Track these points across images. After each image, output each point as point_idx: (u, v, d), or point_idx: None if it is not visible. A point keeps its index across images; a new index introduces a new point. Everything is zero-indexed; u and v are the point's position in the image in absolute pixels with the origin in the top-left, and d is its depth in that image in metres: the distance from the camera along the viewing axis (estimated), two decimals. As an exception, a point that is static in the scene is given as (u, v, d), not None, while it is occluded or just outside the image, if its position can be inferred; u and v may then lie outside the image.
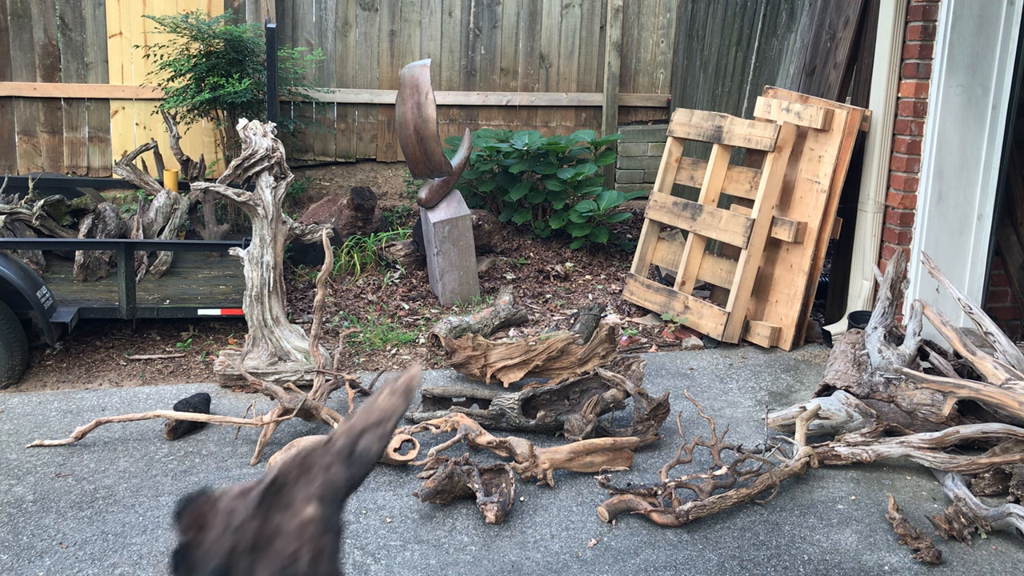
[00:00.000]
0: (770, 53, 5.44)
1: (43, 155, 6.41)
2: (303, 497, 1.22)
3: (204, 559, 1.23)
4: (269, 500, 1.20)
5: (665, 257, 5.34)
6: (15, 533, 2.84)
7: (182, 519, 1.24)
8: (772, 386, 4.24)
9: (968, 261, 4.46)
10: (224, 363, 4.06)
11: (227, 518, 1.22)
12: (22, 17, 6.23)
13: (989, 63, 4.26)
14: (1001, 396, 3.15)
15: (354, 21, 6.74)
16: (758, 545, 2.88)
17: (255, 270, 4.06)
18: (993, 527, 2.95)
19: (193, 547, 1.23)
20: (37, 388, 4.11)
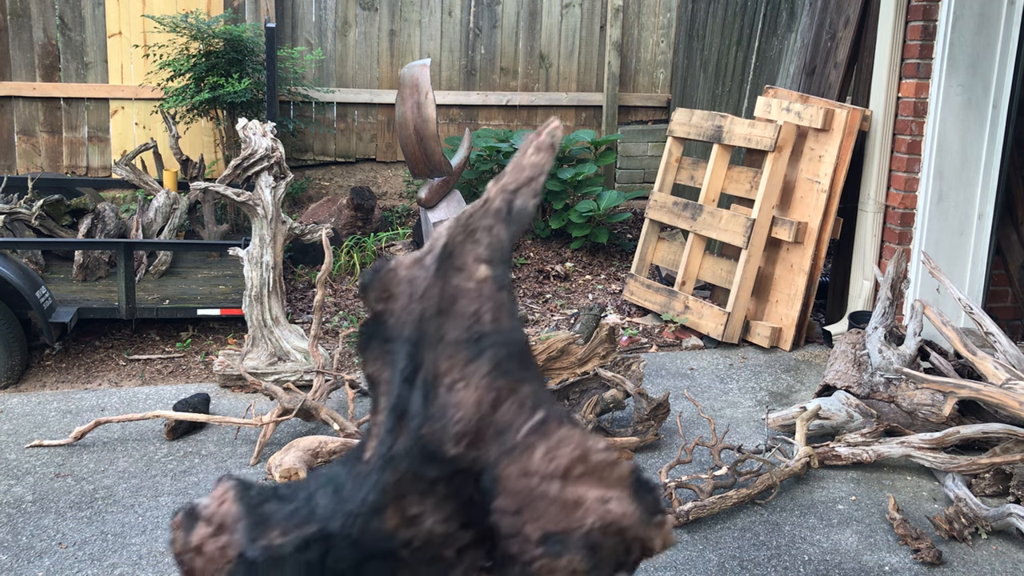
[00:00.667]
0: (770, 53, 5.44)
1: (42, 155, 6.41)
2: (473, 259, 1.24)
3: (397, 327, 1.25)
4: (444, 265, 1.22)
5: (665, 257, 5.33)
6: (14, 533, 2.83)
7: (371, 291, 1.26)
8: (772, 386, 4.24)
9: (968, 261, 4.45)
10: (223, 363, 4.05)
11: (410, 286, 1.24)
12: (21, 17, 6.22)
13: (989, 63, 4.26)
14: (1002, 396, 3.14)
15: (354, 21, 6.74)
16: (758, 545, 2.88)
17: (255, 270, 4.06)
18: (994, 527, 2.94)
19: (386, 316, 1.24)
20: (36, 388, 4.10)
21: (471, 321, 1.19)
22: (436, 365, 1.17)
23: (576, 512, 1.09)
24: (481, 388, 1.12)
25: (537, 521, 1.07)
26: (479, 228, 1.26)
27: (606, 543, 1.08)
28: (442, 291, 1.22)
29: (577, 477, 1.08)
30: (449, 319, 1.19)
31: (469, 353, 1.16)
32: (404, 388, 1.18)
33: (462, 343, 1.17)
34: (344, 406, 3.81)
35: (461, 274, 1.22)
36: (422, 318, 1.21)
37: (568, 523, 1.08)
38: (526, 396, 1.14)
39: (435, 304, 1.21)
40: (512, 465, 1.11)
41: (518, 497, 1.09)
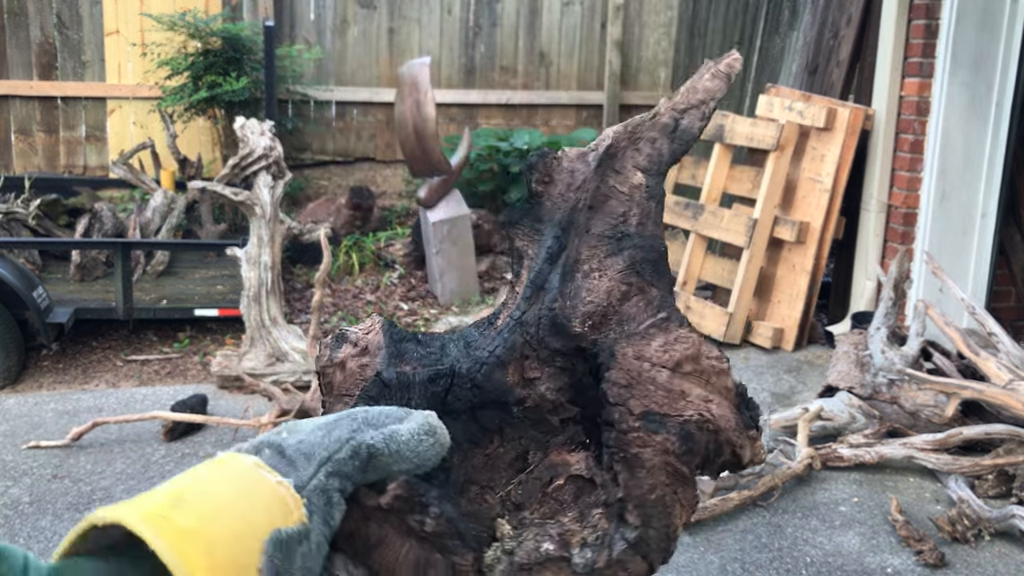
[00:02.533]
0: (772, 51, 5.41)
1: (39, 154, 6.38)
2: (632, 165, 1.37)
3: (551, 210, 1.40)
4: (605, 164, 1.35)
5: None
6: (11, 535, 2.81)
7: (534, 172, 1.40)
8: (774, 387, 4.21)
9: (972, 261, 4.43)
10: (221, 364, 4.03)
11: (570, 176, 1.38)
12: (19, 15, 6.19)
13: (993, 61, 4.23)
14: (1005, 397, 3.12)
15: (353, 19, 6.71)
16: (760, 547, 2.86)
17: (253, 270, 4.03)
18: (997, 529, 2.92)
19: (544, 198, 1.38)
20: (33, 389, 4.08)
21: (618, 221, 1.32)
22: (578, 251, 1.31)
23: (679, 402, 1.22)
24: (615, 280, 1.25)
25: (642, 399, 1.19)
26: (643, 138, 1.39)
27: (700, 437, 1.20)
28: (598, 188, 1.36)
29: (686, 373, 1.21)
30: (598, 214, 1.32)
31: (610, 248, 1.29)
32: (546, 265, 1.32)
33: (605, 238, 1.30)
34: (343, 407, 3.78)
35: (618, 176, 1.35)
36: (575, 208, 1.35)
37: (669, 408, 1.21)
38: (653, 297, 1.26)
39: (589, 197, 1.35)
40: (630, 347, 1.25)
41: (630, 374, 1.23)
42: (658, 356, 1.27)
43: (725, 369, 1.24)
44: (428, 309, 5.19)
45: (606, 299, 1.29)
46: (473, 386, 1.29)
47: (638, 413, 1.21)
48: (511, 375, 1.29)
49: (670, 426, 1.20)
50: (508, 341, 1.30)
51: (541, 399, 1.27)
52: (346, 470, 0.78)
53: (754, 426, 1.24)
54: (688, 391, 1.22)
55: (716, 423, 1.19)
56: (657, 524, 1.16)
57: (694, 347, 1.24)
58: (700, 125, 1.47)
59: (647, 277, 1.33)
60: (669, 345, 1.26)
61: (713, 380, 1.23)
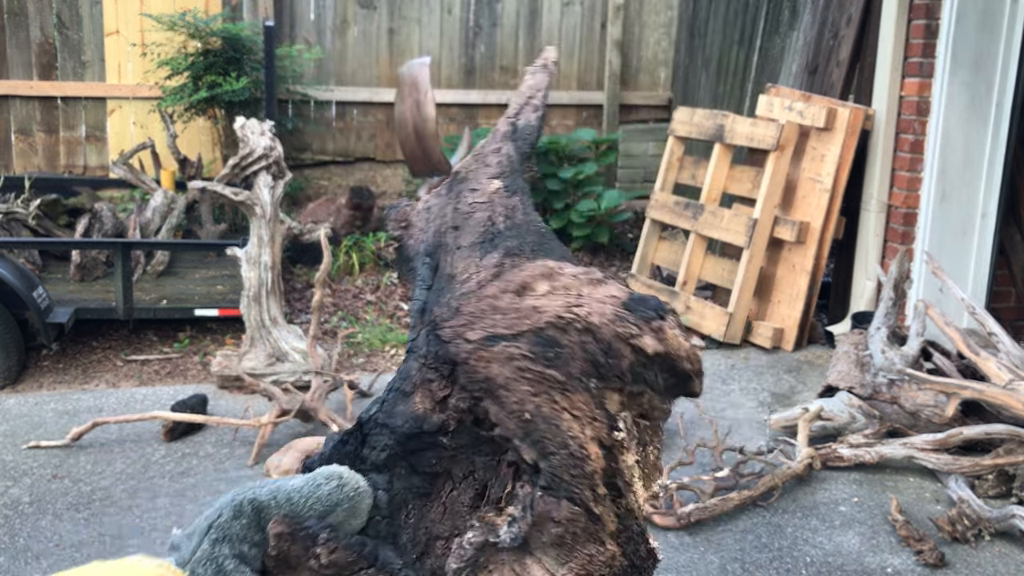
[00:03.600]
0: (772, 51, 5.42)
1: (39, 154, 6.38)
2: (486, 178, 1.34)
3: (416, 246, 1.39)
4: (457, 188, 1.33)
5: (667, 257, 5.31)
6: (11, 535, 2.81)
7: (390, 220, 1.43)
8: (774, 387, 4.21)
9: (972, 261, 4.43)
10: (222, 364, 4.03)
11: (427, 212, 1.36)
12: (19, 15, 6.20)
13: (993, 61, 4.23)
14: (1005, 397, 3.12)
15: (353, 19, 6.71)
16: (760, 547, 2.86)
17: (253, 270, 4.03)
18: (997, 529, 2.92)
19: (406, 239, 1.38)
20: (34, 389, 4.08)
21: (486, 226, 1.26)
22: (453, 267, 1.24)
23: (531, 316, 1.08)
24: (486, 270, 1.17)
25: (482, 328, 1.09)
26: (488, 153, 1.39)
27: (567, 339, 1.05)
28: (456, 209, 1.32)
29: (540, 294, 1.09)
30: (465, 230, 1.27)
31: (484, 250, 1.23)
32: (423, 292, 1.27)
33: (477, 245, 1.25)
34: (343, 407, 3.78)
35: (475, 192, 1.33)
36: (438, 232, 1.31)
37: (519, 327, 1.08)
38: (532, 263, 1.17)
39: (451, 220, 1.30)
40: (473, 295, 1.15)
41: (469, 315, 1.12)
42: (500, 288, 1.17)
43: (599, 279, 1.12)
44: (428, 309, 5.19)
45: (476, 287, 1.20)
46: (381, 427, 1.18)
47: (477, 339, 1.10)
48: (419, 403, 1.17)
49: (519, 338, 1.07)
50: (403, 371, 1.20)
51: (460, 413, 1.15)
52: (235, 532, 0.76)
53: (656, 316, 1.07)
54: (543, 306, 1.08)
55: (585, 320, 1.04)
56: (553, 446, 1.03)
57: (544, 268, 1.14)
58: (536, 116, 1.48)
59: (526, 254, 1.24)
60: (512, 276, 1.16)
61: (586, 292, 1.10)
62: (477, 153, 1.41)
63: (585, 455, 1.01)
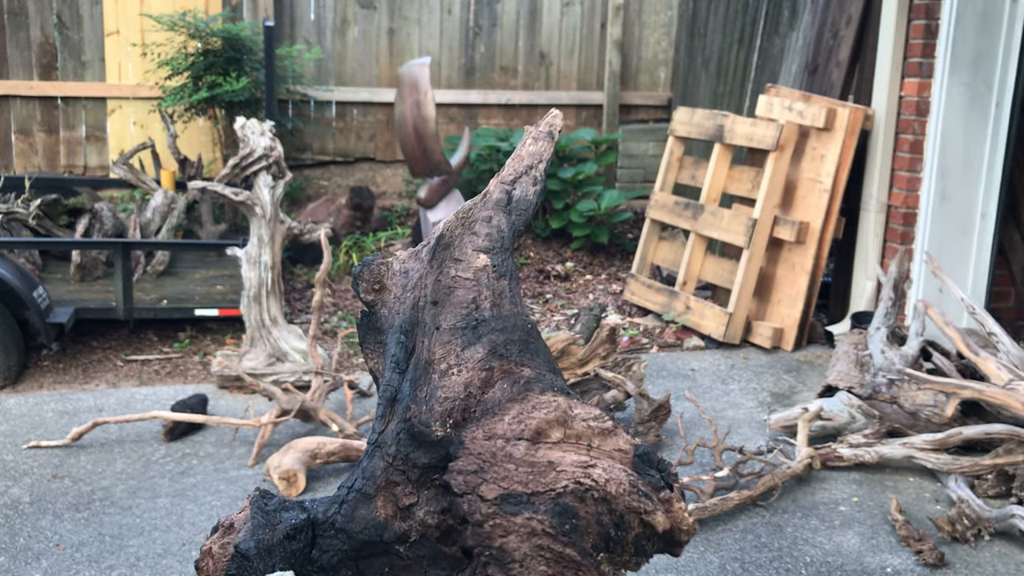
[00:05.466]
0: (772, 51, 5.42)
1: (40, 154, 6.39)
2: (472, 249, 1.21)
3: (389, 317, 1.24)
4: (440, 255, 1.20)
5: (666, 257, 5.31)
6: (12, 535, 2.81)
7: (361, 281, 1.25)
8: (774, 387, 4.22)
9: (971, 261, 4.43)
10: (222, 364, 4.03)
11: (404, 278, 1.22)
12: (19, 15, 6.20)
13: (992, 61, 4.24)
14: (1004, 397, 3.12)
15: (353, 19, 6.72)
16: (760, 547, 2.86)
17: (253, 270, 4.04)
18: (996, 529, 2.92)
19: (378, 306, 1.23)
20: (34, 389, 4.08)
21: (470, 309, 1.17)
22: (431, 352, 1.14)
23: (548, 475, 1.00)
24: (473, 370, 1.09)
25: (497, 481, 1.00)
26: (478, 220, 1.24)
27: (584, 509, 0.99)
28: (438, 281, 1.20)
29: (553, 442, 1.02)
30: (446, 308, 1.17)
31: (466, 339, 1.13)
32: (394, 375, 1.16)
33: (459, 330, 1.14)
34: (343, 407, 3.78)
35: (459, 264, 1.20)
36: (416, 306, 1.19)
37: (536, 484, 1.00)
38: (523, 377, 1.09)
39: (431, 293, 1.19)
40: (479, 428, 1.06)
41: (480, 458, 1.03)
42: (512, 429, 1.06)
43: (609, 428, 1.03)
44: (428, 309, 5.19)
45: (463, 391, 1.10)
46: (337, 532, 1.09)
47: (493, 498, 1.00)
48: (381, 508, 1.08)
49: (538, 504, 0.97)
50: (367, 470, 1.11)
51: (424, 527, 1.07)
52: None
53: (665, 486, 1.00)
54: (558, 460, 0.99)
55: (603, 489, 0.97)
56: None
57: (559, 410, 1.04)
58: (534, 190, 1.33)
59: (514, 359, 1.13)
60: (525, 414, 1.06)
61: (596, 443, 1.02)
62: (464, 216, 1.28)
63: None
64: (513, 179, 1.30)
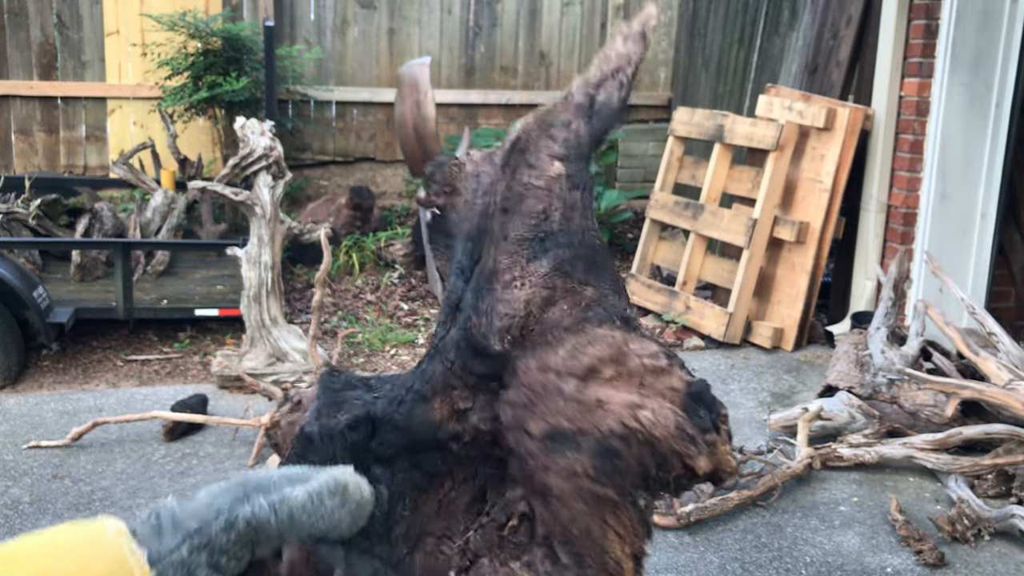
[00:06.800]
0: (772, 51, 5.42)
1: (40, 154, 6.38)
2: (548, 155, 1.16)
3: (460, 222, 1.19)
4: (514, 160, 1.15)
5: (666, 257, 5.31)
6: (12, 535, 2.81)
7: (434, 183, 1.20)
8: (774, 387, 4.22)
9: (971, 261, 4.43)
10: (222, 364, 4.03)
11: (475, 181, 1.17)
12: (19, 15, 6.20)
13: (992, 61, 4.23)
14: (1004, 397, 3.12)
15: (353, 19, 6.71)
16: (760, 547, 2.86)
17: (253, 270, 4.04)
18: (996, 529, 2.92)
19: (449, 210, 1.18)
20: (34, 389, 4.08)
21: (539, 219, 1.12)
22: (496, 261, 1.10)
23: (594, 413, 0.99)
24: (536, 286, 1.06)
25: (545, 417, 0.99)
26: (556, 123, 1.19)
27: (628, 451, 0.97)
28: (509, 187, 1.15)
29: (605, 379, 0.99)
30: (515, 216, 1.12)
31: (532, 251, 1.10)
32: (459, 282, 1.13)
33: (526, 241, 1.10)
34: (343, 407, 3.78)
35: (532, 171, 1.15)
36: (485, 213, 1.15)
37: (582, 422, 0.98)
38: (587, 298, 1.06)
39: (500, 200, 1.15)
40: (533, 359, 1.03)
41: (531, 390, 1.01)
42: (565, 363, 1.04)
43: (663, 367, 1.01)
44: (428, 309, 5.19)
45: (524, 309, 1.07)
46: (395, 427, 1.10)
47: (540, 434, 1.00)
48: (438, 409, 1.08)
49: (583, 444, 0.97)
50: (426, 372, 1.10)
51: (476, 432, 1.07)
52: (220, 544, 0.71)
53: (712, 428, 0.99)
54: (607, 399, 0.98)
55: (648, 432, 0.95)
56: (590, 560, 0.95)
57: (613, 347, 1.02)
58: (620, 96, 1.26)
59: (578, 276, 1.10)
60: (579, 349, 1.04)
61: (648, 381, 1.00)
62: (541, 118, 1.22)
63: (620, 572, 0.98)
64: (598, 82, 1.25)
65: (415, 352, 4.60)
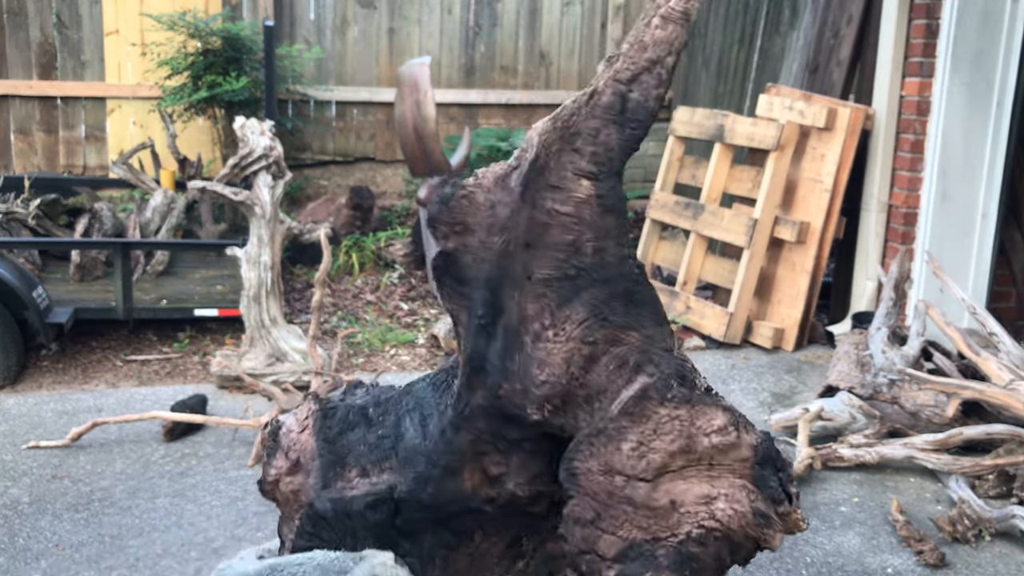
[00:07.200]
0: (773, 51, 5.41)
1: (39, 154, 6.38)
2: (573, 172, 0.96)
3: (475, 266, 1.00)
4: (534, 183, 0.96)
5: (667, 257, 5.30)
6: (11, 535, 2.81)
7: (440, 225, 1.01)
8: (775, 387, 4.21)
9: (972, 261, 4.42)
10: (221, 364, 4.03)
11: (491, 215, 0.98)
12: (18, 15, 6.19)
13: (993, 61, 4.23)
14: (1005, 397, 3.12)
15: (353, 19, 6.71)
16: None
17: (253, 270, 4.03)
18: (997, 529, 2.92)
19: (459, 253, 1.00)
20: (33, 389, 4.07)
21: (567, 254, 0.95)
22: (522, 308, 0.93)
23: (670, 517, 0.89)
24: (574, 340, 0.91)
25: (616, 531, 0.87)
26: (581, 133, 1.01)
27: (705, 553, 0.89)
28: (531, 218, 0.98)
29: (675, 471, 0.88)
30: (539, 252, 0.94)
31: (563, 293, 0.92)
32: (480, 339, 0.97)
33: (555, 281, 0.93)
34: (343, 407, 3.78)
35: (557, 193, 0.97)
36: (505, 252, 0.97)
37: (657, 530, 0.88)
38: (630, 350, 0.93)
39: (522, 234, 0.98)
40: (593, 459, 0.91)
41: (596, 501, 0.89)
42: (633, 465, 0.89)
43: (734, 442, 0.87)
44: (428, 309, 5.19)
45: (564, 371, 0.92)
46: (421, 507, 0.98)
47: (613, 555, 0.87)
48: (468, 480, 0.95)
49: (660, 557, 0.84)
50: (454, 444, 0.97)
51: (512, 497, 0.95)
52: None
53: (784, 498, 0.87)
54: (681, 497, 0.85)
55: (726, 526, 0.84)
56: None
57: (683, 433, 0.88)
58: (657, 94, 1.04)
59: (618, 321, 0.94)
60: (646, 442, 0.89)
61: (719, 460, 0.87)
62: (564, 126, 1.02)
63: None
64: (631, 76, 1.02)
65: (415, 352, 4.60)
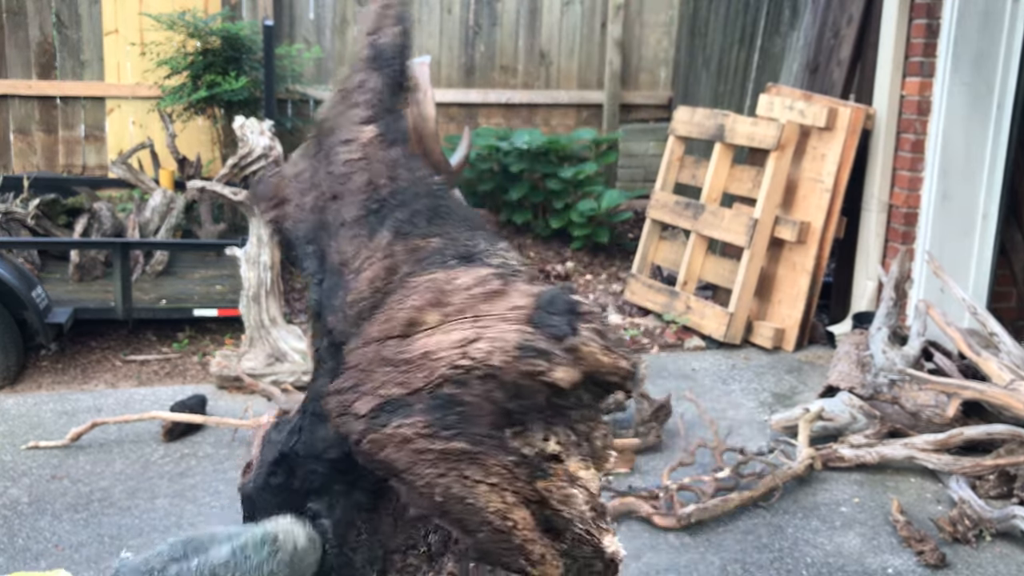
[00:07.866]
0: (773, 50, 5.41)
1: (38, 154, 6.37)
2: (358, 122, 1.06)
3: (295, 229, 1.10)
4: (327, 143, 1.05)
5: (667, 257, 5.30)
6: (10, 535, 2.80)
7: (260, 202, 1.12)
8: (775, 387, 4.21)
9: (973, 261, 4.42)
10: (221, 364, 4.02)
11: (298, 182, 1.07)
12: (18, 15, 6.19)
13: (994, 61, 4.23)
14: (1006, 397, 3.12)
15: (352, 18, 6.70)
16: (761, 548, 2.85)
17: (252, 270, 4.03)
18: (998, 529, 2.92)
19: (283, 221, 1.10)
20: (32, 389, 4.07)
21: (367, 193, 1.03)
22: (342, 252, 0.99)
23: (423, 368, 0.87)
24: (379, 260, 0.95)
25: (375, 391, 0.88)
26: (353, 90, 1.11)
27: (467, 393, 0.86)
28: (330, 173, 1.06)
29: (431, 327, 0.87)
30: (346, 200, 1.01)
31: (371, 227, 0.99)
32: (315, 290, 1.04)
33: (362, 219, 1.02)
34: (343, 407, 3.77)
35: (348, 146, 1.05)
36: (316, 208, 1.05)
37: (414, 383, 0.88)
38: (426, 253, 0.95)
39: (327, 190, 1.05)
40: (359, 337, 0.93)
41: (357, 370, 0.91)
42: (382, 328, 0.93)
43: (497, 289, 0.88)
44: (428, 309, 5.19)
45: (369, 290, 0.97)
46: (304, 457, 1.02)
47: (366, 412, 0.88)
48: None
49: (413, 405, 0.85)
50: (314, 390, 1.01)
51: None
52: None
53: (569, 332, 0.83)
54: (436, 347, 0.86)
55: (484, 364, 0.83)
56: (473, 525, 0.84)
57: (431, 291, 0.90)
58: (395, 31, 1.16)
59: (420, 231, 0.99)
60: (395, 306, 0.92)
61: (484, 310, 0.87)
62: (342, 89, 1.13)
63: (511, 526, 0.86)
64: (375, 28, 1.15)
65: (415, 352, 4.60)
